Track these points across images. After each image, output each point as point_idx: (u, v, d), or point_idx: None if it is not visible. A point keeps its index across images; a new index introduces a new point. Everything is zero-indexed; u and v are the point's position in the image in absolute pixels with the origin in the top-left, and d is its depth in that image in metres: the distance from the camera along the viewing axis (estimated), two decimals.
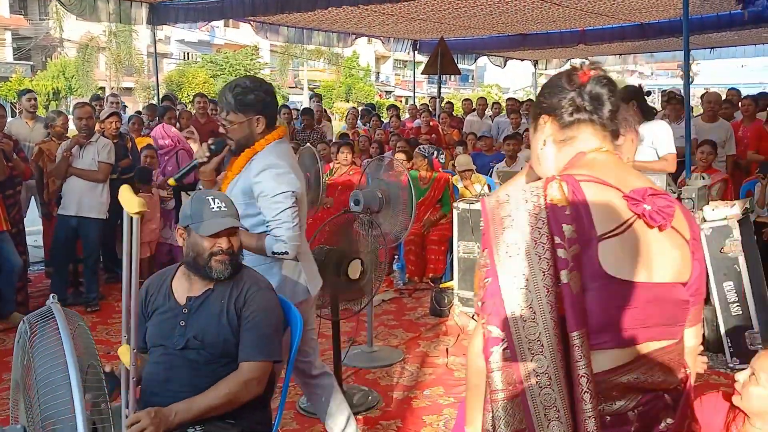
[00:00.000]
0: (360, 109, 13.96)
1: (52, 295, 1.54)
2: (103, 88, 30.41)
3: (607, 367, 1.36)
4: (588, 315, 1.34)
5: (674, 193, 4.62)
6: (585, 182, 1.39)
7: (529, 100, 13.89)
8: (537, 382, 1.31)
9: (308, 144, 6.73)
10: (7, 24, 33.82)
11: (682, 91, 7.39)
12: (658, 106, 11.71)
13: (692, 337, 1.56)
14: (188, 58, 40.82)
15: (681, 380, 1.47)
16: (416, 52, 13.58)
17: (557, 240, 1.32)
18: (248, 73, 36.45)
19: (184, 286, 2.54)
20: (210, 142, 2.94)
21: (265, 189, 2.80)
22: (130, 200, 1.99)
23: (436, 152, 8.13)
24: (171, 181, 2.78)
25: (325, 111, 13.17)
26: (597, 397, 1.33)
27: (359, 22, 10.83)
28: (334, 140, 9.26)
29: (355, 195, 4.57)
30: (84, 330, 1.42)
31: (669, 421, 1.44)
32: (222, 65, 36.79)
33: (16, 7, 33.92)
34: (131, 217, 2.01)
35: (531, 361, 1.31)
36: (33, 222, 6.52)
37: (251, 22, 10.21)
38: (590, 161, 1.47)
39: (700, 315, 1.59)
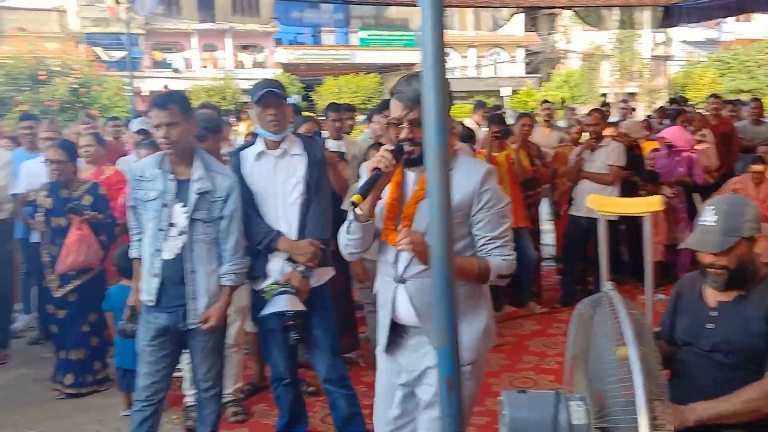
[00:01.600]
0: None
1: (610, 282, 1.71)
2: (605, 95, 31.33)
3: None
4: None
5: None
6: None
7: None
8: None
9: None
10: (521, 41, 37.42)
11: None
12: None
13: None
14: (691, 58, 39.12)
15: None
16: None
17: None
18: (760, 70, 33.10)
19: (714, 290, 2.53)
20: (391, 147, 2.27)
21: (494, 197, 2.30)
22: (648, 200, 2.07)
23: None
24: (356, 198, 2.20)
25: None
26: None
27: None
28: None
29: None
30: (638, 318, 1.54)
31: None
32: (729, 63, 34.19)
33: (528, 25, 37.17)
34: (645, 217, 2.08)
35: None
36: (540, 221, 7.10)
37: None
38: None
39: None
